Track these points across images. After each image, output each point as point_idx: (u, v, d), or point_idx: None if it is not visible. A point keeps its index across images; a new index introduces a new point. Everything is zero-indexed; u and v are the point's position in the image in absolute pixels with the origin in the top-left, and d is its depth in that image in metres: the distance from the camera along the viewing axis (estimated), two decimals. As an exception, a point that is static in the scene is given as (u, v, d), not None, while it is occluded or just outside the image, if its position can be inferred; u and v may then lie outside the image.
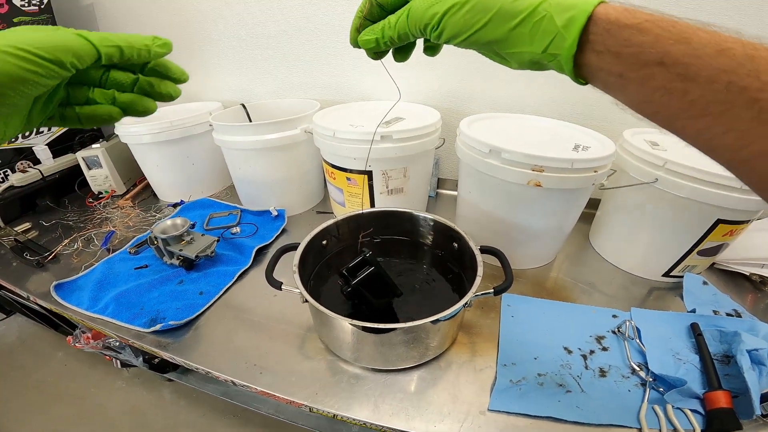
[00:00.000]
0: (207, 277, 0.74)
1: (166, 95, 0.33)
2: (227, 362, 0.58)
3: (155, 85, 0.32)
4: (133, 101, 0.32)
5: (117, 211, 1.02)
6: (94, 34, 0.27)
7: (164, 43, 0.31)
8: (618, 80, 0.25)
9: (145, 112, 0.32)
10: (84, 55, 0.26)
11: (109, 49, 0.27)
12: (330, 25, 0.94)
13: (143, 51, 0.29)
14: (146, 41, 0.30)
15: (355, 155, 0.72)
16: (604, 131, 0.72)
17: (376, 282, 0.55)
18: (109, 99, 0.31)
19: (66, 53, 0.25)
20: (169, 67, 0.33)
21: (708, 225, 0.64)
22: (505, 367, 0.55)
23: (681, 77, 0.22)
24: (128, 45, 0.28)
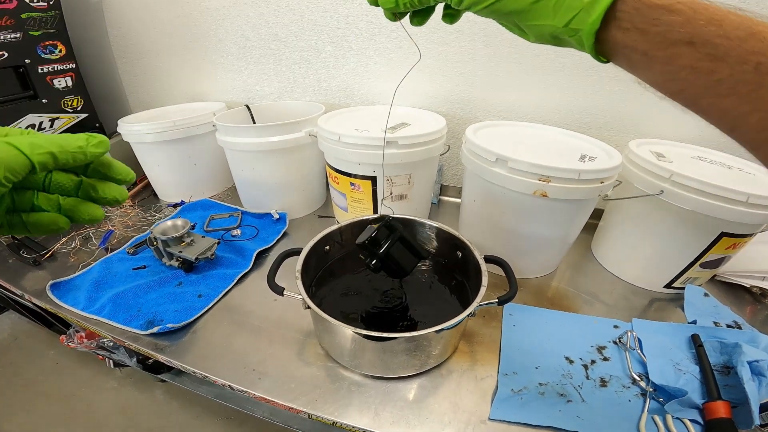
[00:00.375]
0: (206, 279, 0.73)
1: (112, 200, 0.31)
2: (225, 367, 0.57)
3: (99, 189, 0.31)
4: (77, 208, 0.31)
5: (116, 209, 1.01)
6: (24, 139, 0.26)
7: (99, 142, 0.29)
8: (643, 58, 0.25)
9: (92, 220, 0.31)
10: (16, 168, 0.25)
11: (41, 157, 0.26)
12: (338, 27, 0.94)
13: (78, 154, 0.28)
14: (80, 142, 0.28)
15: (359, 160, 0.71)
16: (610, 141, 0.72)
17: (401, 247, 0.55)
18: (53, 205, 0.30)
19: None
20: (112, 166, 0.31)
21: (712, 238, 0.64)
22: (507, 377, 0.55)
23: (710, 57, 0.22)
24: (61, 150, 0.27)
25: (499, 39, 0.83)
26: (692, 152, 0.76)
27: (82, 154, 0.28)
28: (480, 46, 0.85)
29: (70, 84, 1.10)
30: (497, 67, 0.86)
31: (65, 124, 1.11)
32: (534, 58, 0.83)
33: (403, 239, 0.55)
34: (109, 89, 1.32)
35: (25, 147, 0.25)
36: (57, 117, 1.09)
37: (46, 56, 1.04)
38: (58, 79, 1.07)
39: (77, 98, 1.13)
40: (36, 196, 0.30)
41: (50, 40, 1.04)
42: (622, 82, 0.80)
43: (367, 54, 0.94)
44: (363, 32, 0.92)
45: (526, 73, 0.85)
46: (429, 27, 0.48)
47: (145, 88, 1.27)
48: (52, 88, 1.06)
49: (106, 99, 1.33)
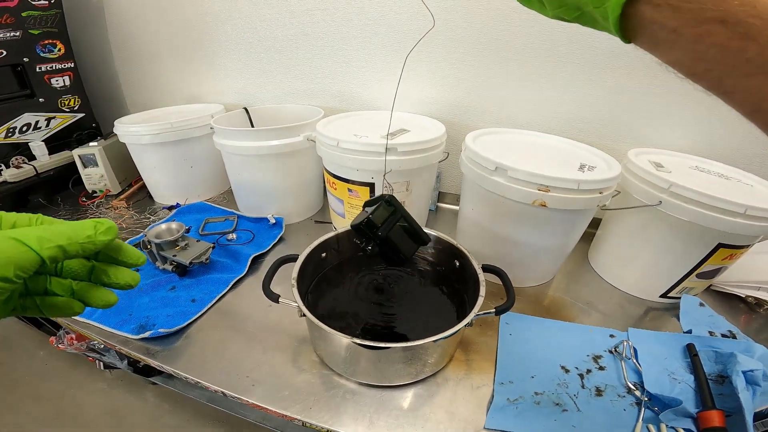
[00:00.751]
0: (200, 284, 0.73)
1: (124, 284, 0.32)
2: (219, 373, 0.57)
3: (111, 274, 0.31)
4: (90, 294, 0.31)
5: (110, 211, 1.00)
6: (32, 233, 0.25)
7: (107, 229, 0.29)
8: (671, 35, 0.24)
9: (106, 305, 0.31)
10: (26, 265, 0.25)
11: (51, 252, 0.26)
12: (339, 32, 0.94)
13: (87, 245, 0.28)
14: (88, 231, 0.28)
15: (358, 166, 0.71)
16: (609, 149, 0.73)
17: (401, 231, 0.53)
18: (66, 290, 0.30)
19: (7, 268, 0.24)
20: (121, 251, 0.32)
21: (709, 249, 0.64)
22: (503, 386, 0.55)
23: (741, 35, 0.22)
24: (69, 242, 0.26)
25: (500, 45, 0.83)
26: (690, 162, 0.76)
27: (92, 243, 0.28)
28: (480, 52, 0.85)
29: (67, 83, 1.10)
30: (497, 73, 0.87)
31: (61, 124, 1.11)
32: (534, 66, 0.83)
33: (404, 221, 0.53)
34: (107, 89, 1.31)
35: (34, 242, 0.25)
36: (53, 116, 1.08)
37: (45, 55, 1.03)
38: (56, 78, 1.07)
39: (74, 98, 1.12)
40: (49, 281, 0.30)
41: (50, 39, 1.04)
42: (622, 91, 0.81)
43: (367, 58, 0.94)
44: (363, 36, 0.92)
45: (526, 80, 0.86)
46: (430, 33, 0.48)
47: (143, 89, 1.27)
48: (50, 87, 1.06)
49: (104, 99, 1.32)
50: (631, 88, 0.80)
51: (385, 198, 0.53)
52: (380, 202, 0.53)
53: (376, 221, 0.50)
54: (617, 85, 0.80)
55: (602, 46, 0.77)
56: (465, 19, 0.82)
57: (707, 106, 0.77)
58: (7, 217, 0.28)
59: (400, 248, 0.53)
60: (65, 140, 1.11)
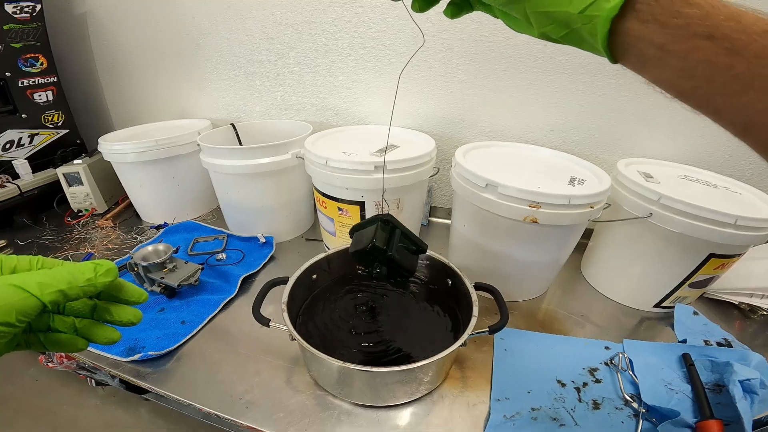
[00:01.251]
0: (190, 305, 0.71)
1: (127, 322, 0.32)
2: (211, 395, 0.56)
3: (113, 313, 0.32)
4: (93, 331, 0.31)
5: (96, 231, 0.98)
6: (32, 279, 0.26)
7: (107, 271, 0.29)
8: (658, 52, 0.24)
9: (109, 342, 0.32)
10: (27, 310, 0.25)
11: (52, 296, 0.26)
12: (327, 45, 0.93)
13: (88, 287, 0.28)
14: (88, 274, 0.28)
15: (347, 185, 0.70)
16: (598, 160, 0.72)
17: (401, 246, 0.52)
18: (69, 327, 0.31)
19: (9, 313, 0.24)
20: (123, 289, 0.32)
21: (700, 259, 0.64)
22: (499, 402, 0.54)
23: (728, 51, 0.22)
24: (70, 286, 0.27)
25: (488, 58, 0.83)
26: (678, 171, 0.76)
27: (92, 286, 0.28)
28: (469, 64, 0.85)
29: (51, 98, 1.08)
30: (486, 86, 0.86)
31: (45, 140, 1.08)
32: (522, 78, 0.83)
33: (404, 237, 0.52)
34: (92, 104, 1.29)
35: (34, 288, 0.25)
36: (37, 133, 1.06)
37: (27, 69, 1.01)
38: (39, 93, 1.05)
39: (58, 113, 1.10)
40: (52, 319, 0.31)
41: (32, 53, 1.02)
42: (609, 100, 0.81)
43: (356, 72, 0.93)
44: (351, 49, 0.91)
45: (515, 92, 0.86)
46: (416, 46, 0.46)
47: (129, 104, 1.25)
48: (33, 103, 1.04)
49: (89, 114, 1.30)
50: (618, 98, 0.80)
51: (382, 218, 0.52)
52: (377, 223, 0.52)
53: (378, 246, 0.49)
54: (605, 95, 0.80)
55: (588, 56, 0.77)
56: (453, 32, 0.82)
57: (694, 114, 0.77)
58: (7, 261, 0.28)
59: (405, 265, 0.52)
60: (49, 157, 1.08)
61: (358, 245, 0.51)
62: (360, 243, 0.51)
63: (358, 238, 0.52)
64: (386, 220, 0.52)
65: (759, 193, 0.69)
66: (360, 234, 0.53)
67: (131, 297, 0.32)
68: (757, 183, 0.73)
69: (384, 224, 0.52)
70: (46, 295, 0.26)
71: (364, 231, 0.52)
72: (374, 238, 0.49)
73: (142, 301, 0.33)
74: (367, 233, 0.51)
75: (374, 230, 0.50)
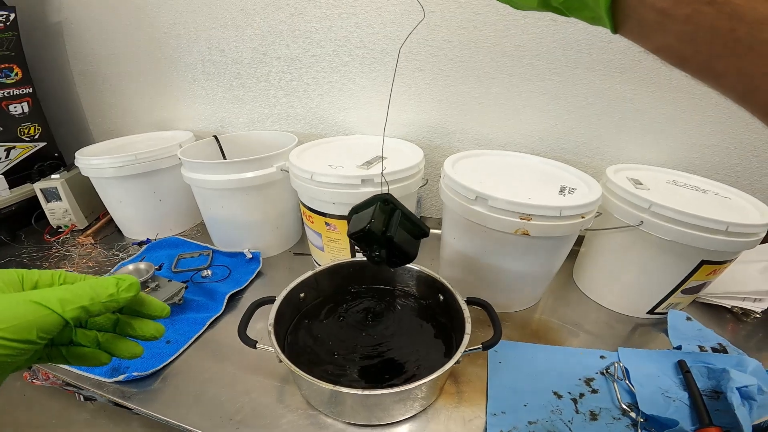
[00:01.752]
0: (175, 324, 0.69)
1: (150, 336, 0.33)
2: (200, 416, 0.54)
3: (136, 327, 0.32)
4: (116, 345, 0.31)
5: (77, 248, 0.95)
6: (53, 295, 0.25)
7: (130, 286, 0.29)
8: (659, 17, 0.24)
9: (132, 357, 0.32)
10: (49, 327, 0.25)
11: (74, 313, 0.26)
12: (311, 53, 0.91)
13: (110, 303, 0.28)
14: (110, 290, 0.28)
15: (334, 200, 0.68)
16: (587, 166, 0.72)
17: (402, 230, 0.50)
18: (92, 341, 0.31)
19: (30, 331, 0.24)
20: (145, 303, 0.33)
21: (692, 266, 0.64)
22: (495, 417, 0.53)
23: (728, 16, 0.22)
24: (92, 302, 0.27)
25: (475, 65, 0.82)
26: (667, 176, 0.76)
27: (114, 302, 0.28)
28: (455, 71, 0.84)
29: (26, 110, 1.04)
30: (473, 93, 0.86)
31: (22, 154, 1.05)
32: (510, 84, 0.83)
33: (405, 218, 0.50)
34: (70, 116, 1.25)
35: (56, 305, 0.25)
36: (13, 146, 1.03)
37: (1, 80, 0.98)
38: (14, 105, 1.02)
39: (35, 125, 1.07)
40: (74, 333, 0.31)
41: (5, 63, 0.98)
42: (597, 106, 0.81)
43: (341, 81, 0.92)
44: (336, 58, 0.90)
45: (502, 100, 0.85)
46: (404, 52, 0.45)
47: (109, 115, 1.21)
48: (8, 115, 1.00)
49: (67, 126, 1.26)
50: (605, 104, 0.80)
51: (381, 198, 0.49)
52: (377, 204, 0.49)
53: (376, 228, 0.47)
54: (592, 101, 0.80)
55: (575, 62, 0.77)
56: (440, 39, 0.81)
57: (681, 119, 0.77)
58: (29, 275, 0.28)
59: (405, 248, 0.50)
60: (27, 172, 1.05)
61: (356, 227, 0.48)
62: (358, 225, 0.48)
63: (357, 220, 0.49)
64: (386, 200, 0.50)
65: (747, 197, 0.69)
66: (358, 216, 0.50)
67: (154, 311, 0.33)
68: (743, 186, 0.73)
69: (383, 204, 0.50)
70: (68, 311, 0.25)
71: (362, 212, 0.50)
72: (372, 218, 0.47)
73: (165, 316, 0.34)
74: (366, 214, 0.48)
75: (372, 211, 0.48)
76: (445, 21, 0.79)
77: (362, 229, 0.47)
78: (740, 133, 0.76)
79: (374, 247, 0.49)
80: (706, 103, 0.75)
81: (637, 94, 0.77)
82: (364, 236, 0.48)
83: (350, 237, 0.50)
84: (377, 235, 0.48)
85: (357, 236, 0.49)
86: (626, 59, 0.74)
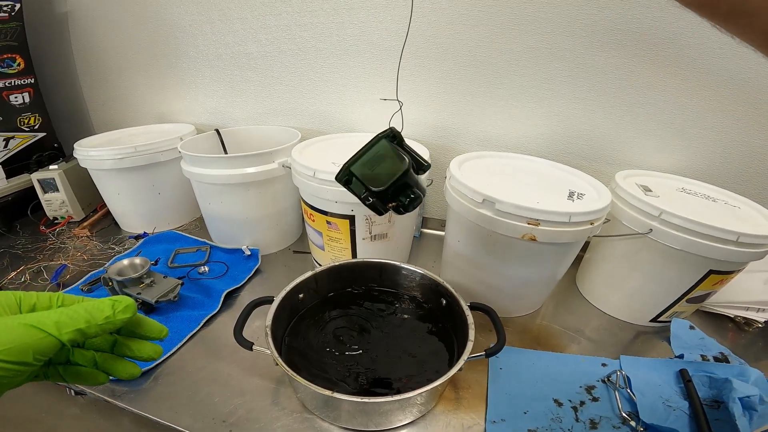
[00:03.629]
0: (169, 321, 0.67)
1: (147, 358, 0.33)
2: (192, 417, 0.53)
3: (134, 348, 0.32)
4: (114, 366, 0.32)
5: (72, 240, 0.93)
6: (50, 318, 0.26)
7: (126, 307, 0.29)
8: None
9: (130, 377, 0.32)
10: (45, 350, 0.25)
11: (70, 336, 0.26)
12: (316, 48, 0.90)
13: (107, 325, 0.28)
14: (106, 312, 0.28)
15: (336, 198, 0.66)
16: (595, 171, 0.70)
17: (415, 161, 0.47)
18: (89, 360, 0.31)
19: (26, 353, 0.24)
20: (142, 325, 0.32)
21: (700, 275, 0.63)
22: (494, 424, 0.52)
23: None
24: (89, 325, 0.27)
25: (484, 65, 0.81)
26: (677, 184, 0.75)
27: (111, 324, 0.28)
28: (464, 71, 0.83)
29: (27, 100, 1.03)
30: (481, 94, 0.84)
31: (20, 144, 1.04)
32: (519, 85, 0.81)
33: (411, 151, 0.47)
34: (71, 107, 1.24)
35: (52, 328, 0.25)
36: (12, 136, 1.01)
37: (3, 70, 0.97)
38: (15, 95, 1.00)
39: (35, 116, 1.05)
40: (71, 352, 0.31)
41: (9, 53, 0.97)
42: (606, 111, 0.79)
43: (346, 77, 0.90)
44: (342, 54, 0.88)
45: (511, 101, 0.83)
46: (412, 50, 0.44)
47: (110, 107, 1.20)
48: (8, 105, 0.99)
49: (67, 117, 1.25)
50: (615, 109, 0.79)
51: (386, 136, 0.45)
52: (388, 146, 0.44)
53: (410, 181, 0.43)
54: (601, 105, 0.79)
55: (586, 65, 0.76)
56: (449, 37, 0.80)
57: (692, 126, 0.76)
58: (26, 299, 0.28)
59: (421, 186, 0.46)
60: (24, 162, 1.03)
61: (393, 170, 0.43)
62: (394, 168, 0.43)
63: (374, 178, 0.43)
64: (393, 136, 0.45)
65: (758, 207, 0.68)
66: (375, 175, 0.44)
67: (151, 333, 0.33)
68: (753, 195, 0.72)
69: (390, 139, 0.45)
70: (65, 334, 0.26)
71: (380, 168, 0.44)
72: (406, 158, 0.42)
73: (163, 338, 0.34)
74: (385, 168, 0.43)
75: (392, 161, 0.43)
76: (455, 19, 0.78)
77: (405, 171, 0.42)
78: (753, 141, 0.75)
79: (407, 192, 0.45)
80: (718, 110, 0.74)
81: (649, 99, 0.76)
82: (400, 181, 0.43)
83: (386, 189, 0.43)
84: (414, 177, 0.44)
85: (396, 184, 0.43)
86: (640, 64, 0.73)
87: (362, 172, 0.44)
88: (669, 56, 0.71)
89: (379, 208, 0.46)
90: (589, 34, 0.72)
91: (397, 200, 0.46)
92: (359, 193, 0.46)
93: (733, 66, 0.69)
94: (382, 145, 0.45)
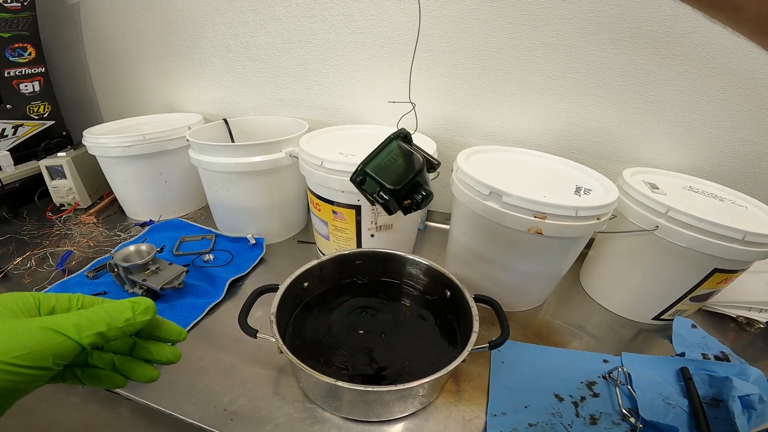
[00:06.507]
0: (173, 309, 0.68)
1: (166, 361, 0.32)
2: (194, 405, 0.53)
3: (153, 351, 0.32)
4: (133, 369, 0.31)
5: (78, 227, 0.94)
6: (69, 321, 0.25)
7: (146, 309, 0.29)
8: None
9: (149, 381, 0.32)
10: (65, 353, 0.25)
11: (90, 339, 0.26)
12: (325, 40, 0.90)
13: (127, 328, 0.28)
14: (126, 314, 0.28)
15: (343, 188, 0.67)
16: (602, 167, 0.70)
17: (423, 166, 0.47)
18: (107, 363, 0.31)
19: (46, 358, 0.24)
20: (161, 327, 0.32)
21: (704, 274, 0.63)
22: (495, 417, 0.53)
23: None
24: (109, 327, 0.27)
25: (493, 59, 0.81)
26: (684, 182, 0.75)
27: (131, 326, 0.28)
28: (473, 65, 0.82)
29: (37, 89, 1.04)
30: (490, 88, 0.84)
31: (29, 132, 1.04)
32: (528, 80, 0.81)
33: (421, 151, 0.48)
34: (81, 96, 1.25)
35: (72, 332, 0.25)
36: (21, 124, 1.02)
37: (14, 59, 0.98)
38: (26, 84, 1.01)
39: (44, 104, 1.06)
40: (90, 355, 0.30)
41: (20, 43, 0.98)
42: (615, 107, 0.79)
43: (355, 69, 0.90)
44: (352, 46, 0.88)
45: (520, 95, 0.83)
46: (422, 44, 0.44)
47: (119, 96, 1.21)
48: (18, 93, 1.00)
49: (77, 106, 1.26)
50: (623, 106, 0.78)
51: (398, 136, 0.46)
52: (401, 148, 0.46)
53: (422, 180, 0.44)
54: (611, 102, 0.79)
55: (597, 61, 0.75)
56: (459, 32, 0.80)
57: (701, 125, 0.76)
58: (45, 300, 0.28)
59: (428, 190, 0.47)
60: (33, 149, 1.04)
61: (410, 167, 0.45)
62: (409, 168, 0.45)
63: (390, 177, 0.45)
64: (403, 136, 0.46)
65: (765, 208, 0.68)
66: (389, 174, 0.45)
67: (170, 336, 0.32)
68: (761, 195, 0.72)
69: (402, 140, 0.46)
70: (85, 338, 0.25)
71: (394, 167, 0.46)
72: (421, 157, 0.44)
73: (181, 340, 0.33)
74: (400, 168, 0.45)
75: (406, 161, 0.44)
76: (465, 13, 0.77)
77: (420, 170, 0.44)
78: (762, 142, 0.74)
79: (420, 190, 0.46)
80: (728, 110, 0.73)
81: (659, 97, 0.75)
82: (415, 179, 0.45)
83: (401, 187, 0.45)
84: (426, 175, 0.46)
85: (411, 182, 0.45)
86: (652, 62, 0.73)
87: (377, 172, 0.46)
88: (681, 55, 0.71)
89: (392, 206, 0.47)
90: (601, 31, 0.72)
91: (411, 198, 0.47)
92: (372, 191, 0.47)
93: (746, 66, 0.69)
94: (394, 145, 0.47)
